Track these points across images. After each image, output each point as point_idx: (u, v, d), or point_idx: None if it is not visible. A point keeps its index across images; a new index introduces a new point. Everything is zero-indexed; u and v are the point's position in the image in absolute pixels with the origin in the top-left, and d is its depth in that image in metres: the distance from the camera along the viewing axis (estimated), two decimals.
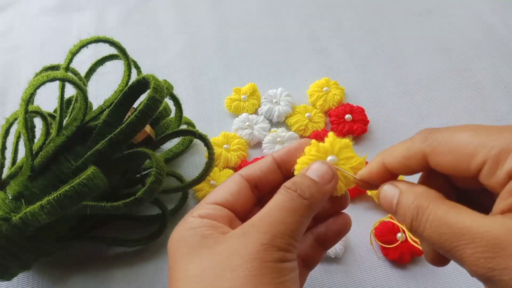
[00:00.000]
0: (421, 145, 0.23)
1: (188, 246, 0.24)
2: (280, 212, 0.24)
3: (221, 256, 0.23)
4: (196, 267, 0.23)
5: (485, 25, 0.58)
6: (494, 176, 0.20)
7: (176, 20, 0.60)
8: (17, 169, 0.36)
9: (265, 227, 0.23)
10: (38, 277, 0.39)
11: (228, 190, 0.27)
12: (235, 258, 0.22)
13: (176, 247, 0.25)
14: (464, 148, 0.21)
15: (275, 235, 0.23)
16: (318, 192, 0.25)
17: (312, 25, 0.59)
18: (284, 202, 0.24)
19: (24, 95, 0.32)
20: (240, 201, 0.27)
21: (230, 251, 0.23)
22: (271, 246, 0.23)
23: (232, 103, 0.49)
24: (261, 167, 0.28)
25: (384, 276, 0.39)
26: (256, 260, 0.22)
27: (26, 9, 0.61)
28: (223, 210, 0.27)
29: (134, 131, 0.33)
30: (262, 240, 0.23)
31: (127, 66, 0.38)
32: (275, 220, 0.23)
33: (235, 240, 0.23)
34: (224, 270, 0.22)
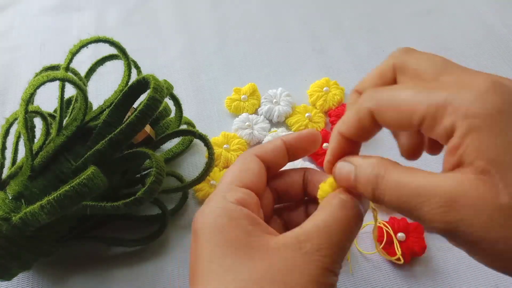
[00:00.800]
0: (368, 104, 0.23)
1: (230, 241, 0.23)
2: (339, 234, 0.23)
3: (277, 269, 0.22)
4: (247, 270, 0.22)
5: (485, 25, 0.58)
6: (434, 132, 0.20)
7: (176, 20, 0.60)
8: (17, 169, 0.36)
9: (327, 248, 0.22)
10: (38, 277, 0.39)
11: (252, 171, 0.26)
12: (294, 276, 0.21)
13: (213, 236, 0.23)
14: (405, 105, 0.21)
15: (334, 260, 0.22)
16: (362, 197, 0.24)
17: (312, 25, 0.59)
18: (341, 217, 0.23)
19: (24, 95, 0.32)
20: (262, 184, 0.26)
21: (288, 265, 0.22)
22: (329, 271, 0.22)
23: (232, 103, 0.49)
24: (273, 149, 0.27)
25: (384, 277, 0.39)
26: (314, 283, 0.21)
27: (26, 9, 0.61)
28: (253, 196, 0.25)
29: (134, 131, 0.33)
30: (322, 263, 0.22)
31: (127, 66, 0.38)
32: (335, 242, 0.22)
33: (293, 254, 0.22)
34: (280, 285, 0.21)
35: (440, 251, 0.40)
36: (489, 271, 0.39)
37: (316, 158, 0.45)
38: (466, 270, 0.39)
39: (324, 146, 0.45)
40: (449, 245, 0.41)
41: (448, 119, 0.19)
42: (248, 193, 0.25)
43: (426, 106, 0.20)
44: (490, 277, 0.38)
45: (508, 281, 0.38)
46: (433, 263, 0.39)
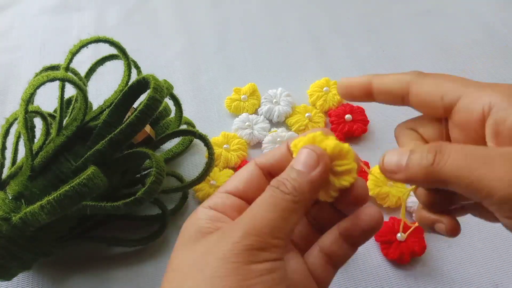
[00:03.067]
0: (411, 76, 0.25)
1: (184, 237, 0.24)
2: (260, 208, 0.22)
3: (197, 253, 0.22)
4: (177, 260, 0.23)
5: (485, 25, 0.58)
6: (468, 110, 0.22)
7: (176, 20, 0.60)
8: (17, 169, 0.36)
9: (242, 224, 0.22)
10: (38, 277, 0.39)
11: (240, 178, 0.27)
12: (206, 256, 0.22)
13: (179, 237, 0.25)
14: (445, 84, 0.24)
15: (248, 232, 0.21)
16: (302, 184, 0.23)
17: (312, 25, 0.59)
18: (266, 198, 0.23)
19: (24, 95, 0.32)
20: (252, 189, 0.26)
21: (206, 249, 0.22)
22: (241, 245, 0.21)
23: (232, 103, 0.49)
24: (275, 154, 0.27)
25: (384, 276, 0.39)
26: (221, 260, 0.21)
27: (26, 9, 0.61)
28: (232, 198, 0.26)
29: (134, 131, 0.33)
30: (234, 238, 0.21)
31: (127, 66, 0.38)
32: (254, 216, 0.22)
33: (213, 238, 0.23)
34: (195, 267, 0.22)
35: (440, 251, 0.40)
36: (489, 271, 0.39)
37: None
38: (466, 270, 0.39)
39: None
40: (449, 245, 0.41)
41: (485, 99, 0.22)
42: (225, 196, 0.26)
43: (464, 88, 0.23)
44: (490, 276, 0.38)
45: (508, 281, 0.38)
46: (433, 263, 0.39)
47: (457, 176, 0.21)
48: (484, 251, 0.40)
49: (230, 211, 0.25)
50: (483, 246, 0.40)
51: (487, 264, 0.39)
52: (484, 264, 0.39)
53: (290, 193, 0.23)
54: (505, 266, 0.39)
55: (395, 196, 0.42)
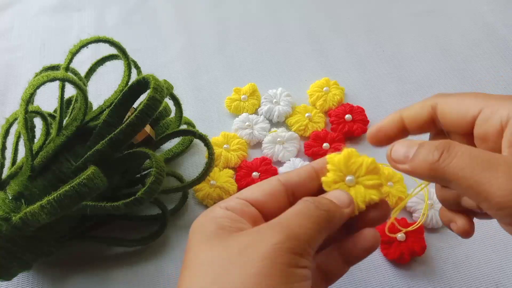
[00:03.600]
0: (436, 98, 0.27)
1: (203, 233, 0.24)
2: (297, 217, 0.23)
3: (232, 249, 0.22)
4: (205, 255, 0.23)
5: (485, 25, 0.58)
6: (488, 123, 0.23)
7: (176, 20, 0.60)
8: (17, 169, 0.36)
9: (281, 227, 0.23)
10: (38, 277, 0.39)
11: (261, 189, 0.27)
12: (246, 254, 0.22)
13: (194, 233, 0.25)
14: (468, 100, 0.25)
15: (289, 236, 0.22)
16: (335, 209, 0.25)
17: (312, 25, 0.59)
18: (302, 208, 0.24)
19: (24, 95, 0.32)
20: (272, 204, 0.26)
21: (242, 246, 0.22)
22: (284, 247, 0.22)
23: (232, 103, 0.49)
24: (299, 173, 0.28)
25: (384, 277, 0.39)
26: (267, 260, 0.21)
27: (26, 9, 0.61)
28: (250, 207, 0.26)
29: (134, 131, 0.33)
30: (276, 239, 0.22)
31: (127, 66, 0.38)
32: (292, 223, 0.23)
33: (248, 237, 0.23)
34: (233, 264, 0.22)
35: (440, 251, 0.40)
36: (489, 271, 0.39)
37: (317, 158, 0.45)
38: (466, 270, 0.39)
39: (323, 146, 0.45)
40: (449, 245, 0.41)
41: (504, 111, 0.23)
42: (243, 203, 0.26)
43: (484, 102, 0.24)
44: (490, 277, 0.38)
45: (508, 281, 0.38)
46: (433, 263, 0.39)
47: (459, 176, 0.21)
48: (484, 251, 0.40)
49: (247, 218, 0.25)
50: (483, 246, 0.40)
51: (487, 264, 0.39)
52: (484, 264, 0.39)
53: (325, 211, 0.24)
54: (505, 266, 0.39)
55: (395, 196, 0.42)
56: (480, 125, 0.24)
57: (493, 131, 0.23)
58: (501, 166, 0.20)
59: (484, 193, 0.20)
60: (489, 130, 0.23)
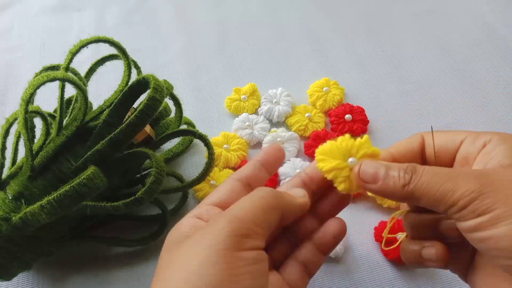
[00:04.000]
0: (422, 133, 0.29)
1: (168, 244, 0.26)
2: (240, 202, 0.25)
3: (183, 249, 0.23)
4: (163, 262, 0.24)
5: (485, 25, 0.58)
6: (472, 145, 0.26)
7: (176, 20, 0.60)
8: (17, 169, 0.36)
9: (224, 214, 0.24)
10: (38, 277, 0.39)
11: (222, 190, 0.28)
12: (194, 248, 0.23)
13: (164, 246, 0.26)
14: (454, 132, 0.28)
15: (230, 220, 0.23)
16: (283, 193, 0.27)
17: (312, 25, 0.59)
18: (248, 195, 0.25)
19: (24, 95, 0.32)
20: (234, 199, 0.28)
21: (192, 242, 0.23)
22: (225, 232, 0.22)
23: (232, 103, 0.49)
24: (248, 167, 0.30)
25: (384, 276, 0.39)
26: (210, 248, 0.22)
27: (26, 9, 0.61)
28: (215, 208, 0.27)
29: (134, 131, 0.33)
30: (218, 225, 0.23)
31: (127, 66, 0.38)
32: (234, 208, 0.24)
33: (198, 233, 0.24)
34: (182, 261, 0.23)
35: None
36: None
37: None
38: None
39: None
40: None
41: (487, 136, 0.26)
42: (209, 207, 0.27)
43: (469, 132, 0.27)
44: None
45: None
46: None
47: (426, 192, 0.24)
48: None
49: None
50: None
51: None
52: None
53: (271, 190, 0.25)
54: None
55: None
56: (465, 147, 0.27)
57: (476, 151, 0.26)
58: (461, 175, 0.23)
59: (450, 200, 0.23)
60: (473, 151, 0.26)
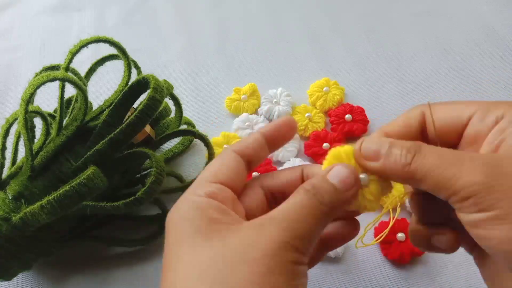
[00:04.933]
0: (421, 107, 0.26)
1: (196, 228, 0.23)
2: (301, 212, 0.22)
3: (235, 247, 0.21)
4: (205, 253, 0.22)
5: (485, 25, 0.58)
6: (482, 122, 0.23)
7: (176, 20, 0.60)
8: (17, 169, 0.36)
9: (286, 223, 0.22)
10: (38, 277, 0.39)
11: (229, 167, 0.26)
12: (252, 251, 0.21)
13: (181, 226, 0.23)
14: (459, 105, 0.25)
15: (295, 234, 0.22)
16: (338, 200, 0.24)
17: (312, 25, 0.59)
18: (304, 202, 0.23)
19: (24, 95, 0.32)
20: (240, 180, 0.26)
21: (246, 242, 0.21)
22: (290, 246, 0.21)
23: (232, 103, 0.49)
24: (252, 143, 0.27)
25: (384, 277, 0.39)
26: (275, 257, 0.21)
27: (26, 9, 0.61)
28: (227, 191, 0.25)
29: (134, 131, 0.33)
30: (282, 236, 0.21)
31: (127, 66, 0.38)
32: (296, 219, 0.22)
33: (251, 232, 0.22)
34: (238, 262, 0.21)
35: None
36: None
37: (317, 158, 0.45)
38: (467, 270, 0.39)
39: (323, 146, 0.45)
40: None
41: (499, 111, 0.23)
42: (220, 187, 0.25)
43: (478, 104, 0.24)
44: None
45: None
46: (433, 263, 0.39)
47: (428, 175, 0.22)
48: None
49: (229, 205, 0.25)
50: None
51: None
52: None
53: (327, 206, 0.23)
54: None
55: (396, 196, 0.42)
56: (474, 124, 0.24)
57: (486, 130, 0.23)
58: (466, 161, 0.21)
59: (452, 187, 0.21)
60: (483, 129, 0.23)
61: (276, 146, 0.28)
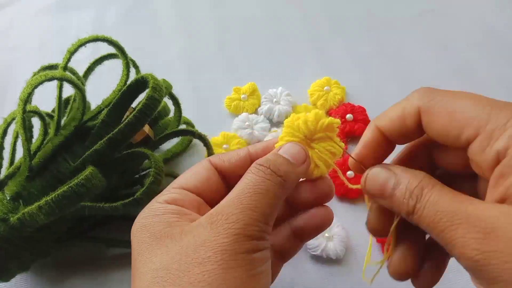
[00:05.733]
0: (418, 102, 0.22)
1: (152, 235, 0.23)
2: (251, 196, 0.22)
3: (187, 248, 0.21)
4: (160, 259, 0.21)
5: (487, 25, 0.58)
6: (483, 153, 0.19)
7: (175, 19, 0.60)
8: (15, 169, 0.35)
9: (236, 214, 0.22)
10: (36, 278, 0.38)
11: (196, 175, 0.26)
12: (204, 250, 0.21)
13: (139, 236, 0.23)
14: (461, 115, 0.20)
15: (247, 223, 0.21)
16: (292, 171, 0.24)
17: (312, 24, 0.59)
18: (256, 183, 0.23)
19: (22, 95, 0.32)
20: (210, 188, 0.26)
21: (198, 242, 0.21)
22: (243, 236, 0.21)
23: (231, 103, 0.49)
24: (233, 158, 0.27)
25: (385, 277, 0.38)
26: (226, 252, 0.21)
27: (24, 8, 0.61)
28: (190, 195, 0.25)
29: (132, 131, 0.33)
30: (233, 229, 0.21)
31: (126, 65, 0.38)
32: (247, 206, 0.22)
33: (202, 230, 0.22)
34: (191, 263, 0.21)
35: None
36: None
37: None
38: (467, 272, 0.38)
39: None
40: None
41: (503, 141, 0.18)
42: (182, 192, 0.25)
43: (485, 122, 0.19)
44: None
45: None
46: None
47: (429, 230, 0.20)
48: None
49: (190, 207, 0.25)
50: None
51: None
52: None
53: (282, 176, 0.23)
54: None
55: None
56: (474, 153, 0.20)
57: (486, 164, 0.19)
58: (462, 224, 0.18)
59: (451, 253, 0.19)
60: (483, 162, 0.20)
61: None
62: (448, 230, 0.19)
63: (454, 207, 0.19)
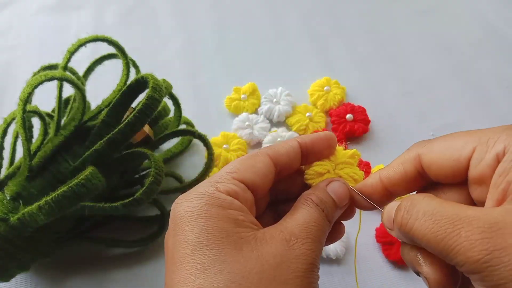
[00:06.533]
0: (417, 149, 0.24)
1: (220, 230, 0.21)
2: (317, 230, 0.23)
3: (268, 261, 0.21)
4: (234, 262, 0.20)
5: (488, 25, 0.58)
6: (483, 160, 0.20)
7: (175, 19, 0.59)
8: (15, 170, 0.35)
9: (309, 244, 0.22)
10: (36, 278, 0.38)
11: (257, 171, 0.24)
12: (286, 270, 0.21)
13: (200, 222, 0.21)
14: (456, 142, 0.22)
15: (318, 255, 0.22)
16: (336, 215, 0.25)
17: (312, 24, 0.59)
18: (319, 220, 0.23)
19: (22, 95, 0.32)
20: (264, 186, 0.25)
21: (278, 259, 0.21)
22: (315, 267, 0.22)
23: (231, 103, 0.49)
24: (288, 151, 0.25)
25: (385, 277, 0.38)
26: (304, 279, 0.21)
27: (24, 8, 0.61)
28: (247, 192, 0.23)
29: (132, 131, 0.33)
30: (310, 258, 0.22)
31: (126, 65, 0.38)
32: (316, 239, 0.23)
33: (280, 247, 0.21)
34: (274, 280, 0.20)
35: None
36: None
37: None
38: None
39: None
40: None
41: (499, 145, 0.20)
42: (243, 188, 0.23)
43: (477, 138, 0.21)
44: None
45: None
46: None
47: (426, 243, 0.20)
48: None
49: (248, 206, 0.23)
50: None
51: None
52: None
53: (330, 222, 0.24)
54: None
55: None
56: (475, 165, 0.21)
57: (489, 170, 0.20)
58: (464, 228, 0.18)
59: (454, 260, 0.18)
60: (485, 170, 0.20)
61: (308, 160, 0.27)
62: (450, 236, 0.18)
63: (453, 212, 0.19)
